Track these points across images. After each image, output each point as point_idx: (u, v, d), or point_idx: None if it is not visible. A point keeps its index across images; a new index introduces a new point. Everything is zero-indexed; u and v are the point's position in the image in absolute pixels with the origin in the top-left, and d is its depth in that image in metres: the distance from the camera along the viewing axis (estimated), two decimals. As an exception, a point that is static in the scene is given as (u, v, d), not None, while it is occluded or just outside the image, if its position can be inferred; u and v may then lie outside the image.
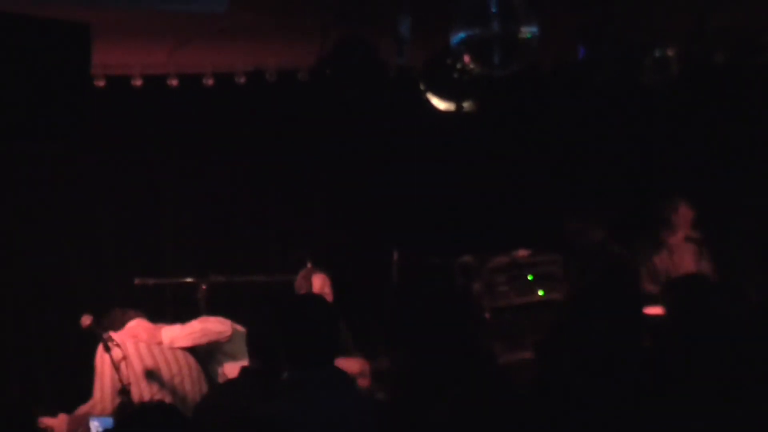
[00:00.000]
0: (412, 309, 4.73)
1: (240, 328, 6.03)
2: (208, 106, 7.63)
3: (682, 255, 7.44)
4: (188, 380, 5.97)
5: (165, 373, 5.91)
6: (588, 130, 8.41)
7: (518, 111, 8.33)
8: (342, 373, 3.95)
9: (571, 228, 7.18)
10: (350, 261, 8.00)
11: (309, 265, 6.58)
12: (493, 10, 4.94)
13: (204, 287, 6.67)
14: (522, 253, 7.62)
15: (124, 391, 5.43)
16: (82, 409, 5.91)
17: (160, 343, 5.94)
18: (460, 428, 3.21)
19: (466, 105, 6.87)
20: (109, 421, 5.46)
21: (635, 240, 7.54)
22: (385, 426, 3.67)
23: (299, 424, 3.61)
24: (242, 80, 7.49)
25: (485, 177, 8.30)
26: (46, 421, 5.74)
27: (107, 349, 5.46)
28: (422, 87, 6.71)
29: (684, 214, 7.43)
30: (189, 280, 6.74)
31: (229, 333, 6.03)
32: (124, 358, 5.53)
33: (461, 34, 5.01)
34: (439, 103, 6.76)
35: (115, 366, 5.46)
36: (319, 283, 6.50)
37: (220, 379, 5.89)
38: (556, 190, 8.37)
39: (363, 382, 5.79)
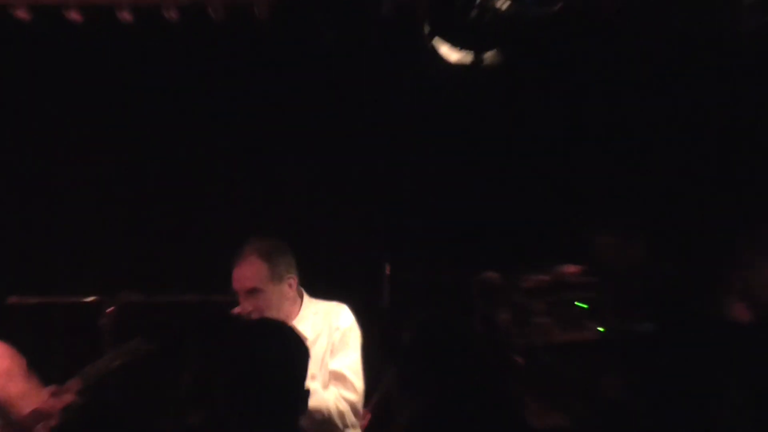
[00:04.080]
0: (412, 349, 4.15)
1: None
2: (123, 54, 6.70)
3: None
4: None
5: None
6: (654, 99, 7.08)
7: (561, 67, 7.13)
8: None
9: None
10: (330, 275, 6.76)
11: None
12: None
13: (110, 310, 5.78)
14: (568, 269, 6.42)
15: None
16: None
17: None
18: None
19: (487, 57, 6.51)
20: None
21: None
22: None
23: None
24: (173, 16, 6.47)
25: (512, 158, 7.12)
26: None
27: None
28: (426, 31, 6.37)
29: None
30: (89, 299, 5.90)
31: None
32: None
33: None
34: (450, 54, 6.44)
35: None
36: None
37: None
38: (612, 181, 7.11)
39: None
